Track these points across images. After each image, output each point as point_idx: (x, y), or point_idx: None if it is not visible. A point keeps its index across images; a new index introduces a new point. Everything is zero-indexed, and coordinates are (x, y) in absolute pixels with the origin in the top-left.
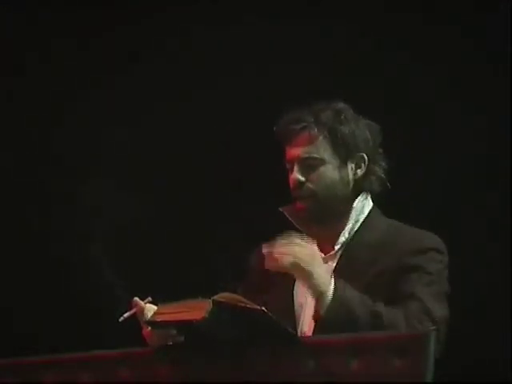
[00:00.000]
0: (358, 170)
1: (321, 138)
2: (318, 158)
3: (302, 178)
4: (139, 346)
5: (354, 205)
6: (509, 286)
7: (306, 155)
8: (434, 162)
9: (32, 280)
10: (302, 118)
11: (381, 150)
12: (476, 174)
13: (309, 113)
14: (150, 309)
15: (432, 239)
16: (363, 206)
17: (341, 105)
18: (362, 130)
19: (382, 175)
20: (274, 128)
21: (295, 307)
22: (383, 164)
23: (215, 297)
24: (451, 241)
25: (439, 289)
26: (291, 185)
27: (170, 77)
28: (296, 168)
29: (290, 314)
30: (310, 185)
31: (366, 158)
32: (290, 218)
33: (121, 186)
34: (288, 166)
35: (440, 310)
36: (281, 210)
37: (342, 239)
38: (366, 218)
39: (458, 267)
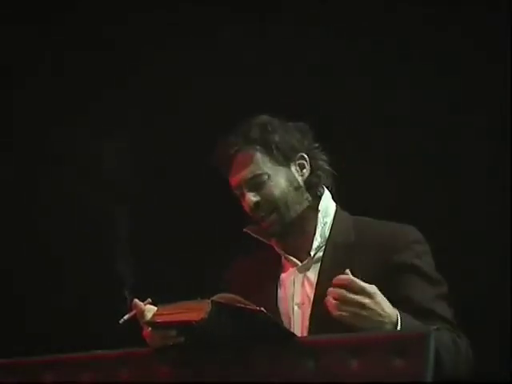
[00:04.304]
0: (304, 170)
1: (256, 154)
2: (262, 174)
3: (256, 198)
4: (139, 347)
5: (319, 207)
6: (509, 286)
7: (250, 175)
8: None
9: (32, 280)
10: (232, 143)
11: (316, 145)
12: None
13: (237, 136)
14: (150, 310)
15: (412, 232)
16: (327, 206)
17: (264, 117)
18: (292, 132)
19: (327, 167)
20: (211, 163)
21: (282, 320)
22: (323, 156)
23: (214, 297)
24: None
25: (439, 290)
26: (248, 209)
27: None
28: (246, 191)
29: None
30: (266, 202)
31: (305, 156)
32: (257, 237)
33: (120, 186)
34: (237, 192)
35: (448, 312)
36: (245, 230)
37: (315, 244)
38: (333, 218)
39: (458, 267)
